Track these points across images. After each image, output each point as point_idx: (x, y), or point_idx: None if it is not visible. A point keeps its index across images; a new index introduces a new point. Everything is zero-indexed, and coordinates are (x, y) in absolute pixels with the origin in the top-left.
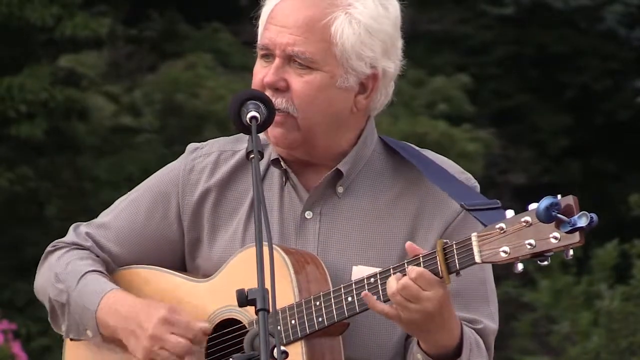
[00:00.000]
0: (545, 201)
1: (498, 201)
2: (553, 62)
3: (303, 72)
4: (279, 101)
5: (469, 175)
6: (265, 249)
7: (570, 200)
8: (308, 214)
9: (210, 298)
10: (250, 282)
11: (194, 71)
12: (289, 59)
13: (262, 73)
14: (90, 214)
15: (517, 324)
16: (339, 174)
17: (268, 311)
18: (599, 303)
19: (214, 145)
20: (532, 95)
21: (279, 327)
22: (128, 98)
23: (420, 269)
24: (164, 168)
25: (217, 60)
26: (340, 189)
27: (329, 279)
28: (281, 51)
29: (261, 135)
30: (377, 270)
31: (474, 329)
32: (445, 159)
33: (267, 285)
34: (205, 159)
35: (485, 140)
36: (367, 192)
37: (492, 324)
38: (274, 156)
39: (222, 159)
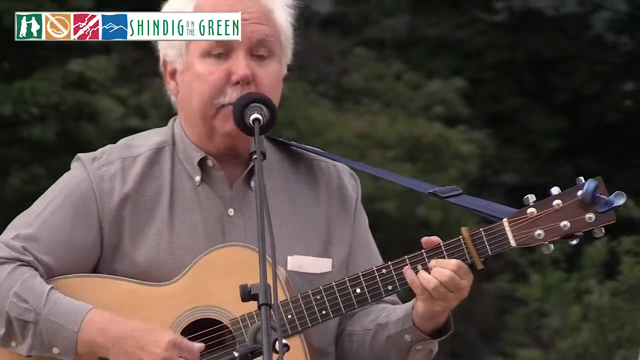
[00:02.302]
0: (592, 184)
1: (458, 187)
2: (545, 66)
3: (263, 62)
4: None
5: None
6: (227, 250)
7: (600, 181)
8: (230, 212)
9: (175, 301)
10: (219, 284)
11: None
12: (250, 51)
13: (222, 70)
14: None
15: (509, 318)
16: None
17: (271, 306)
18: (588, 298)
19: (112, 154)
20: (525, 99)
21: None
22: (136, 101)
23: (457, 261)
24: (66, 180)
25: None
26: (252, 184)
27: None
28: (247, 41)
29: (159, 133)
30: (390, 262)
31: None
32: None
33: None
34: (110, 167)
35: (479, 141)
36: (275, 184)
37: None
38: (200, 156)
39: (127, 165)
